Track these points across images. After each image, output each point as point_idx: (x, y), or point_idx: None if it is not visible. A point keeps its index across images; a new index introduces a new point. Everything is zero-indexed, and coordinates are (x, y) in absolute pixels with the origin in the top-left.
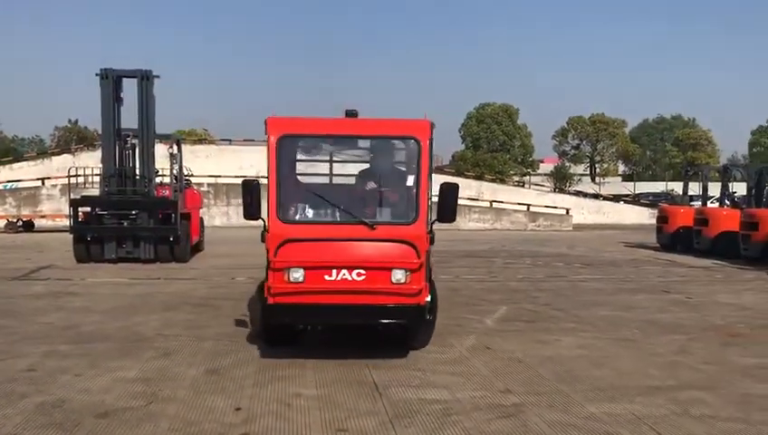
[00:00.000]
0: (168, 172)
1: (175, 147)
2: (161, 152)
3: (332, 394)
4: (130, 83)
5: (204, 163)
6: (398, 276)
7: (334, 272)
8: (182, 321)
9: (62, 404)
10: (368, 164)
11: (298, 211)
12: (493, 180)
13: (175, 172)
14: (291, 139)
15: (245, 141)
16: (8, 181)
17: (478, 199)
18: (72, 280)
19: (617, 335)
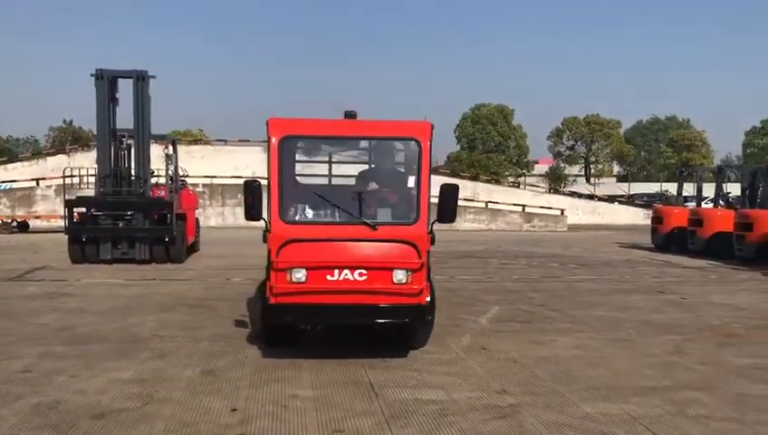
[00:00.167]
0: (164, 173)
1: (170, 147)
2: (157, 153)
3: (329, 395)
4: (126, 84)
5: (199, 164)
6: (400, 276)
7: (336, 272)
8: (178, 322)
9: (58, 405)
10: (369, 165)
11: (300, 212)
12: (488, 181)
13: (170, 173)
14: (293, 140)
15: (241, 142)
16: (3, 182)
17: (474, 200)
18: (68, 281)
19: (612, 336)
